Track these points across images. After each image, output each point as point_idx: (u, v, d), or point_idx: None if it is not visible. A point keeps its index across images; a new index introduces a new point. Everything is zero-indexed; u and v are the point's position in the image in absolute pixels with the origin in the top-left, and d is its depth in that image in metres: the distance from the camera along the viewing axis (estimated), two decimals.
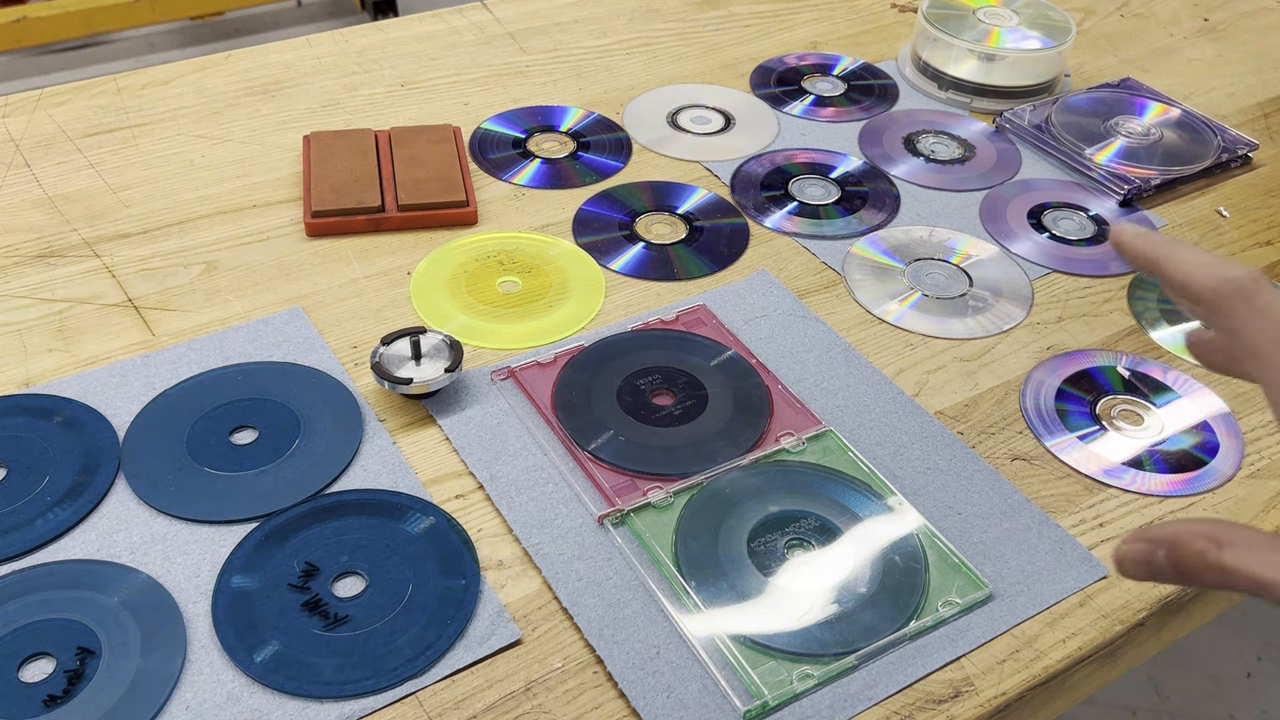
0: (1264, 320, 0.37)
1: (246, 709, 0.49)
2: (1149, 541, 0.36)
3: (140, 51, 2.51)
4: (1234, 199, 0.86)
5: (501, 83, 0.94)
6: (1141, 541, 0.37)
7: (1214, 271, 0.38)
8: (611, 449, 0.61)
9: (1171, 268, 0.39)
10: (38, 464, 0.59)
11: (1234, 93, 1.00)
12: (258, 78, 0.93)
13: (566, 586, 0.54)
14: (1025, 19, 0.96)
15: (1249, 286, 0.37)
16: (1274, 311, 0.37)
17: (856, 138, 0.90)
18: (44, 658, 0.50)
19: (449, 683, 0.50)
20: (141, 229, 0.76)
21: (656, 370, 0.66)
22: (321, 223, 0.76)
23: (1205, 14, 1.13)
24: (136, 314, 0.69)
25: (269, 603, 0.53)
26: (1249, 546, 0.34)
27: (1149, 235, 0.40)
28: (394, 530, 0.56)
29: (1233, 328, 0.37)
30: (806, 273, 0.76)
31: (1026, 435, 0.64)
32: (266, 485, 0.58)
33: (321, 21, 2.65)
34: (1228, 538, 0.35)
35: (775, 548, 0.56)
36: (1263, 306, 0.37)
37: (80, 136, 0.85)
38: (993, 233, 0.81)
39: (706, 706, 0.49)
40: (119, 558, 0.54)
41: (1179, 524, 0.37)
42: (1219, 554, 0.35)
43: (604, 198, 0.82)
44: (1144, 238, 0.40)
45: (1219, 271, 0.38)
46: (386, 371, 0.62)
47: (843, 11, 1.09)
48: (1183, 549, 0.36)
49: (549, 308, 0.71)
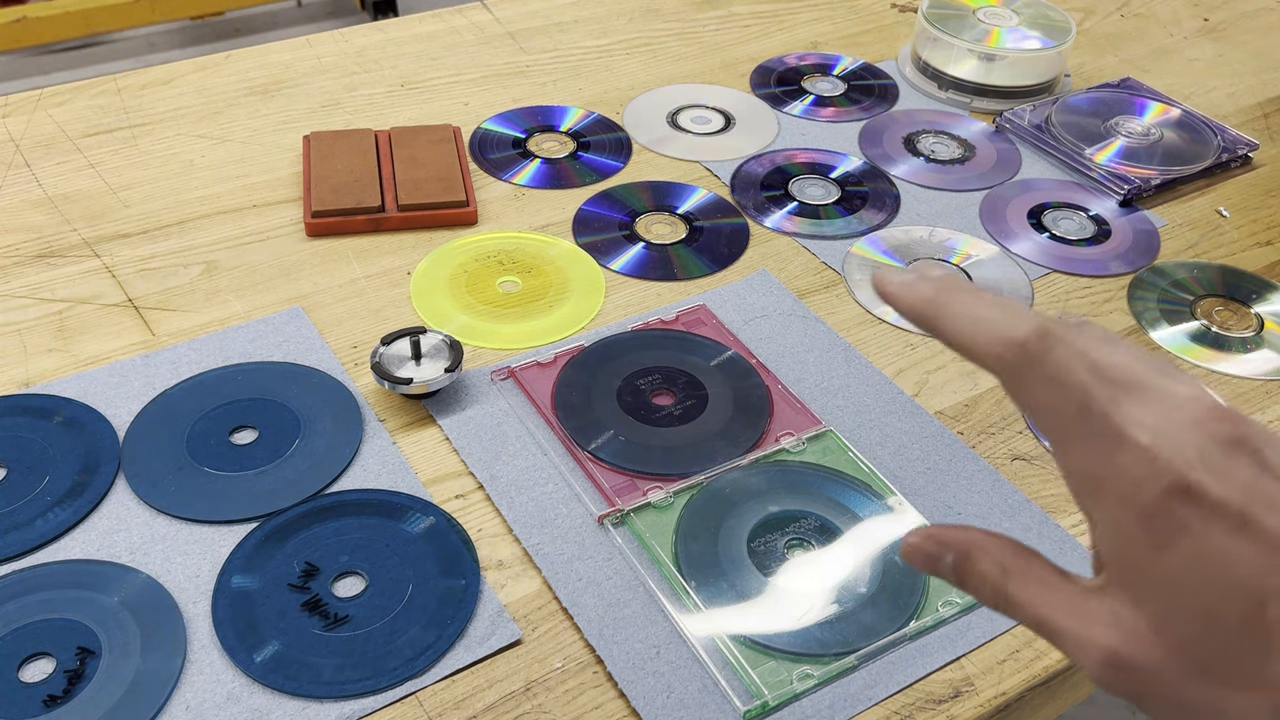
0: (1056, 390, 0.30)
1: (246, 709, 0.49)
2: (939, 544, 0.34)
3: (140, 51, 2.51)
4: (1234, 199, 0.86)
5: (501, 83, 0.94)
6: (932, 541, 0.34)
7: (996, 333, 0.31)
8: (611, 449, 0.61)
9: (949, 328, 0.32)
10: (38, 464, 0.59)
11: (1234, 93, 1.00)
12: (258, 78, 0.93)
13: (566, 586, 0.54)
14: (1025, 19, 0.96)
15: (1036, 348, 0.30)
16: (1068, 377, 0.30)
17: (856, 138, 0.90)
18: (44, 658, 0.50)
19: (449, 683, 0.50)
20: (141, 229, 0.76)
21: (656, 370, 0.66)
22: (321, 223, 0.76)
23: (1205, 14, 1.13)
24: (136, 314, 0.69)
25: (269, 603, 0.53)
26: (1039, 583, 0.32)
27: (917, 285, 0.33)
28: (394, 530, 0.56)
29: (1023, 403, 0.31)
30: (806, 273, 0.76)
31: (1026, 435, 0.64)
32: (266, 485, 0.58)
33: (321, 21, 2.65)
34: (1018, 567, 0.32)
35: (775, 548, 0.56)
36: (1053, 373, 0.30)
37: (80, 136, 0.85)
38: (993, 233, 0.81)
39: (706, 706, 0.49)
40: (119, 558, 0.54)
41: (975, 535, 0.33)
42: (1004, 582, 0.32)
43: (604, 198, 0.82)
44: (910, 288, 0.33)
45: (1001, 332, 0.31)
46: (386, 371, 0.62)
47: (843, 11, 1.09)
48: (970, 564, 0.33)
49: (549, 308, 0.71)
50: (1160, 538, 0.28)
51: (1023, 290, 0.75)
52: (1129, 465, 0.29)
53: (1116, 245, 0.80)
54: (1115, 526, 0.29)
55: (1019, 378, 0.31)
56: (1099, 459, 0.29)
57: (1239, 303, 0.75)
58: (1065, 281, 0.77)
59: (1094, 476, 0.30)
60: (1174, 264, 0.78)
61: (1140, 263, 0.79)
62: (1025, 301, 0.74)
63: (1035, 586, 0.32)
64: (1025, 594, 0.32)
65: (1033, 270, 0.77)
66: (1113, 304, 0.75)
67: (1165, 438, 0.28)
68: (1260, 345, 0.72)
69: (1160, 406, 0.29)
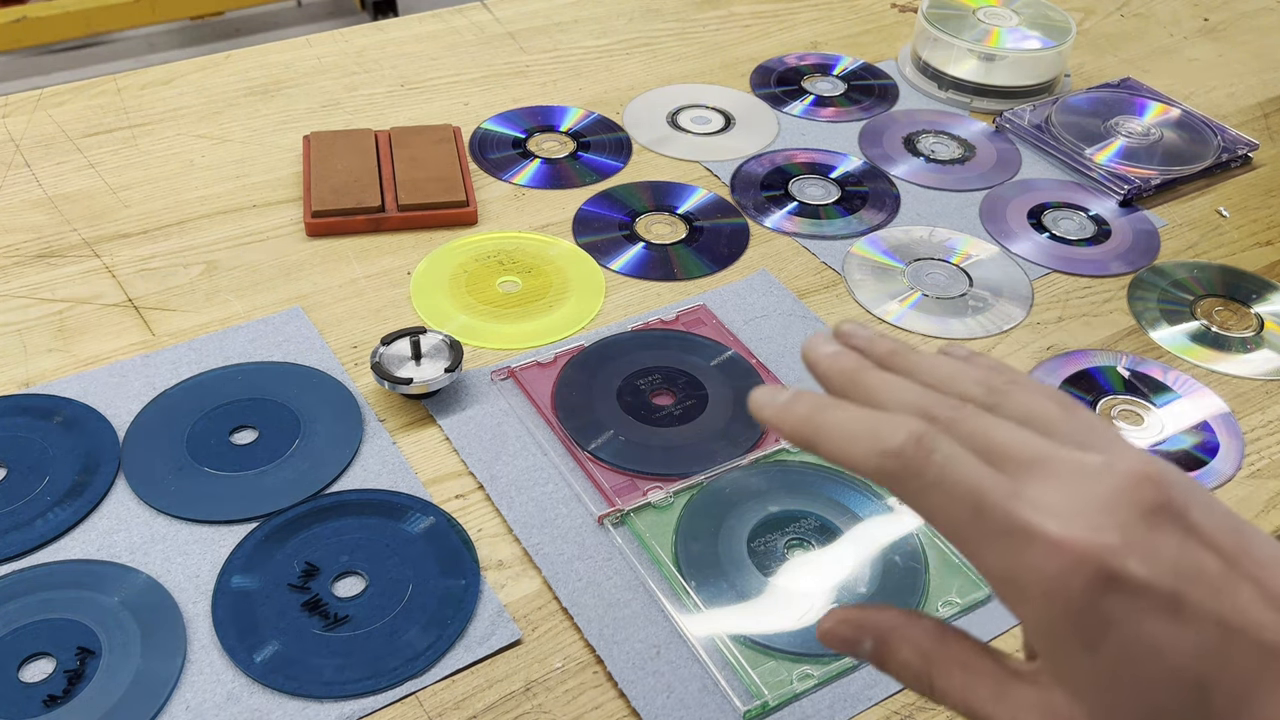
0: (944, 496, 0.28)
1: (246, 709, 0.49)
2: (855, 628, 0.32)
3: (140, 51, 2.51)
4: (1234, 199, 0.86)
5: (501, 83, 0.94)
6: (847, 625, 0.32)
7: (871, 446, 0.29)
8: (611, 449, 0.61)
9: (827, 448, 0.30)
10: (38, 464, 0.59)
11: (1234, 93, 1.00)
12: (258, 78, 0.93)
13: (566, 586, 0.54)
14: (1025, 19, 0.96)
15: (914, 455, 0.28)
16: (955, 480, 0.27)
17: (856, 138, 0.90)
18: (44, 658, 0.50)
19: (449, 683, 0.50)
20: (141, 229, 0.76)
21: (656, 370, 0.66)
22: (321, 223, 0.76)
23: (1205, 14, 1.13)
24: (136, 314, 0.69)
25: (269, 603, 0.53)
26: (963, 668, 0.30)
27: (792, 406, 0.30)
28: (394, 530, 0.56)
29: (916, 509, 0.29)
30: (806, 273, 0.76)
31: None
32: (266, 485, 0.58)
33: (321, 21, 2.65)
34: (940, 653, 0.30)
35: (775, 548, 0.56)
36: (937, 479, 0.28)
37: (80, 136, 0.85)
38: (993, 233, 0.81)
39: (706, 706, 0.49)
40: (119, 558, 0.54)
41: (892, 618, 0.31)
42: (927, 670, 0.30)
43: (604, 198, 0.81)
44: (786, 411, 0.30)
45: (876, 444, 0.28)
46: (386, 371, 0.62)
47: (843, 11, 1.09)
48: (890, 651, 0.31)
49: (549, 308, 0.71)
50: (1091, 635, 0.26)
51: (1022, 290, 0.75)
52: (1043, 561, 0.26)
53: (1116, 245, 0.80)
54: (1042, 627, 0.27)
55: (904, 489, 0.28)
56: (1009, 560, 0.27)
57: (1239, 303, 0.75)
58: (1065, 281, 0.77)
59: (1009, 579, 0.27)
60: (1174, 264, 0.79)
61: (1140, 263, 0.79)
62: (1025, 301, 0.74)
63: (959, 673, 0.30)
64: (949, 681, 0.30)
65: (1033, 270, 0.77)
66: (1113, 304, 0.75)
67: (1077, 522, 0.26)
68: (1260, 345, 0.72)
69: (1067, 484, 0.27)
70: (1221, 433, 0.65)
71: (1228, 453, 0.64)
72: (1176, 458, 0.63)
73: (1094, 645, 0.26)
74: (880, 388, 0.31)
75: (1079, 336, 0.72)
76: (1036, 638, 0.28)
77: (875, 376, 0.31)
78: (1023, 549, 0.26)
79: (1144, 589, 0.25)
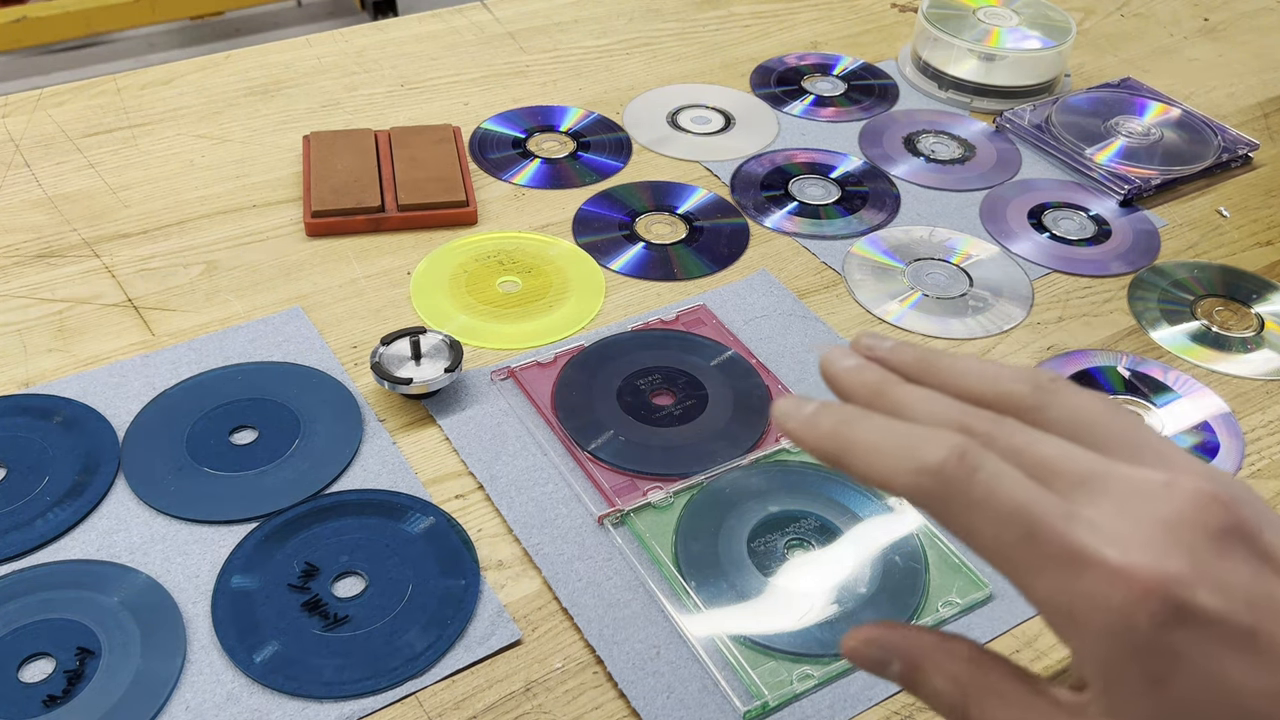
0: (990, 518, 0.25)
1: (246, 709, 0.49)
2: (883, 649, 0.29)
3: (140, 51, 2.51)
4: (1234, 199, 0.86)
5: (501, 83, 0.94)
6: (874, 647, 0.30)
7: (906, 462, 0.26)
8: (611, 449, 0.61)
9: (855, 465, 0.27)
10: (38, 464, 0.59)
11: (1234, 93, 1.00)
12: (258, 78, 0.93)
13: (566, 586, 0.54)
14: (1025, 19, 0.96)
15: (956, 472, 0.25)
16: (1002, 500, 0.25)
17: (856, 138, 0.90)
18: (44, 658, 0.50)
19: (449, 683, 0.50)
20: (141, 229, 0.76)
21: (656, 370, 0.66)
22: (321, 223, 0.76)
23: (1205, 14, 1.13)
24: (136, 314, 0.69)
25: (269, 603, 0.53)
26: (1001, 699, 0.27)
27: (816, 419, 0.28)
28: (394, 530, 0.56)
29: (956, 532, 0.27)
30: (806, 273, 0.76)
31: None
32: (266, 485, 0.58)
33: (321, 21, 2.65)
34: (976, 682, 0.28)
35: (775, 548, 0.56)
36: (982, 498, 0.25)
37: (80, 136, 0.85)
38: (993, 233, 0.81)
39: (706, 707, 0.49)
40: (119, 558, 0.54)
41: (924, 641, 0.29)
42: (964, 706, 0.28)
43: (604, 198, 0.81)
44: (810, 425, 0.28)
45: (913, 460, 0.26)
46: (386, 371, 0.62)
47: (843, 11, 1.09)
48: (923, 679, 0.28)
49: (549, 308, 0.71)
50: (1156, 671, 0.24)
51: (1022, 290, 0.75)
52: (1103, 591, 0.24)
53: (1117, 245, 0.80)
54: (1100, 660, 0.25)
55: (944, 509, 0.26)
56: (1064, 588, 0.25)
57: (1239, 303, 0.75)
58: (1065, 281, 0.76)
59: (1063, 608, 0.25)
60: (1174, 264, 0.78)
61: (1141, 263, 0.79)
62: (1025, 301, 0.74)
63: (999, 705, 0.27)
64: (987, 713, 0.27)
65: (1033, 270, 0.77)
66: (1113, 304, 0.75)
67: (1140, 548, 0.24)
68: (1260, 345, 0.72)
69: (1127, 505, 0.24)
70: (1222, 433, 0.65)
71: (1228, 453, 0.64)
72: None
73: (1159, 682, 0.24)
74: (911, 402, 0.28)
75: (1079, 336, 0.72)
76: (1091, 670, 0.26)
77: (904, 390, 0.29)
78: (1079, 577, 0.24)
79: (1215, 621, 0.23)
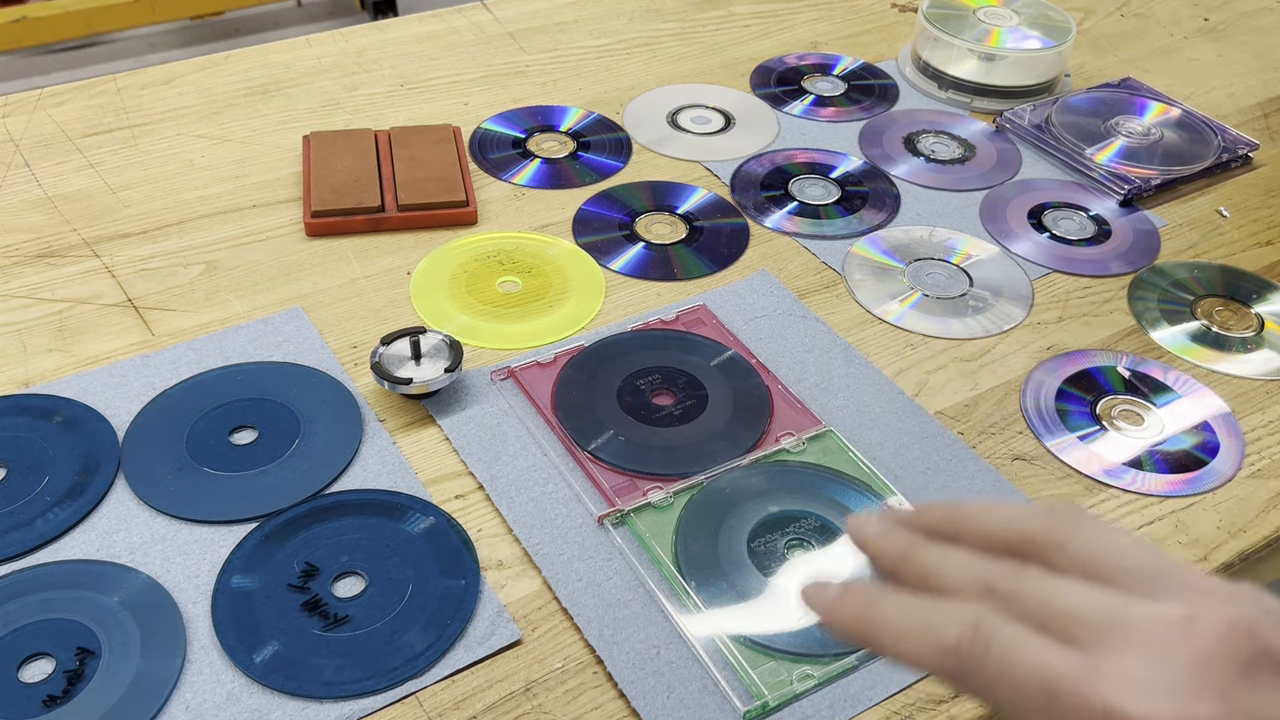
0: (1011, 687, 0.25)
1: (246, 709, 0.49)
2: None
3: (140, 51, 2.51)
4: (1234, 199, 0.86)
5: (501, 83, 0.94)
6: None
7: (926, 644, 0.27)
8: (611, 449, 0.61)
9: (882, 646, 0.28)
10: (38, 464, 0.59)
11: (1234, 93, 1.00)
12: (258, 78, 0.93)
13: (566, 586, 0.54)
14: (1025, 19, 0.96)
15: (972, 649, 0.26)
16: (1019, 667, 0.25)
17: (856, 138, 0.90)
18: (44, 658, 0.50)
19: (449, 683, 0.50)
20: (141, 229, 0.76)
21: (656, 370, 0.66)
22: (321, 223, 0.76)
23: (1205, 14, 1.13)
24: (136, 314, 0.69)
25: (269, 603, 0.53)
26: None
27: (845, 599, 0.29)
28: (394, 530, 0.56)
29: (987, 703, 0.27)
30: (806, 273, 0.76)
31: (1027, 435, 0.64)
32: (266, 485, 0.58)
33: (321, 21, 2.65)
34: None
35: (775, 548, 0.56)
36: (1000, 670, 0.25)
37: (80, 136, 0.85)
38: (993, 233, 0.81)
39: (706, 707, 0.49)
40: (119, 558, 0.54)
41: None
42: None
43: (604, 198, 0.81)
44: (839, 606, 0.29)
45: (932, 642, 0.27)
46: (386, 371, 0.62)
47: (843, 11, 1.09)
48: None
49: (549, 308, 0.71)
50: None
51: (1022, 290, 0.75)
52: None
53: (1117, 245, 0.80)
54: None
55: (970, 686, 0.26)
56: None
57: (1239, 303, 0.75)
58: (1065, 281, 0.76)
59: None
60: (1174, 264, 0.78)
61: (1141, 263, 0.79)
62: (1025, 301, 0.74)
63: None
64: None
65: (1033, 270, 0.77)
66: (1113, 304, 0.75)
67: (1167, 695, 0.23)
68: (1260, 345, 0.72)
69: (1148, 649, 0.24)
70: (1222, 433, 0.65)
71: (1228, 453, 0.64)
72: (1177, 458, 0.63)
73: None
74: (934, 566, 0.29)
75: (1079, 336, 0.72)
76: None
77: (928, 553, 0.30)
78: None
79: None
